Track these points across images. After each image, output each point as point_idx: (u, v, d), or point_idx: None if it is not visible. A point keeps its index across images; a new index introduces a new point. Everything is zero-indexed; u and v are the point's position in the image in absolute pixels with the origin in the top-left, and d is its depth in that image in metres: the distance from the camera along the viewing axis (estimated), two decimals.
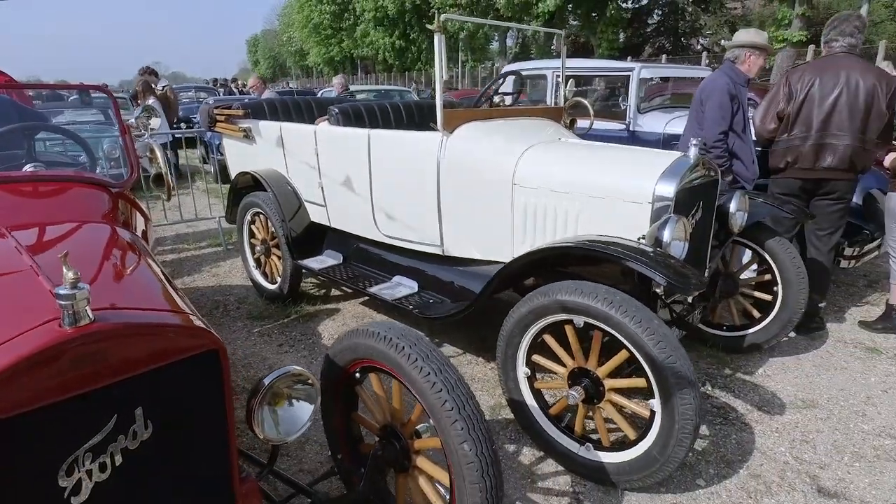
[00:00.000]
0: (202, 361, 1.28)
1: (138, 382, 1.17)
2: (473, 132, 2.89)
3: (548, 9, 23.57)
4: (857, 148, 3.08)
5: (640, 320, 1.94)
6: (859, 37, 3.15)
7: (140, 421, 1.19)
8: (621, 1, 25.01)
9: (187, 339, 1.25)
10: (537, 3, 23.90)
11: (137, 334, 1.16)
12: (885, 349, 3.35)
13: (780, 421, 2.66)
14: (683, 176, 2.35)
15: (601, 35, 25.16)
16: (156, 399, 1.20)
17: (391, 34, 36.51)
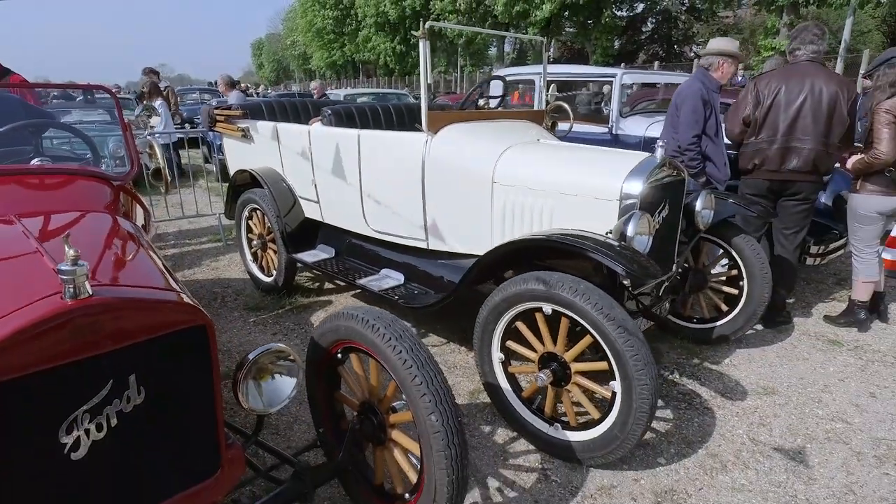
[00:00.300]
0: (191, 335, 1.38)
1: (132, 352, 1.27)
2: (456, 133, 2.99)
3: (543, 16, 23.69)
4: (821, 152, 3.19)
5: (601, 307, 2.05)
6: (821, 43, 3.26)
7: (133, 387, 1.29)
8: (616, 9, 25.15)
9: (177, 314, 1.36)
10: (534, 11, 24.03)
11: (131, 308, 1.27)
12: (845, 342, 3.46)
13: (740, 406, 2.77)
14: (649, 175, 2.45)
15: (596, 42, 25.29)
16: (148, 367, 1.31)
17: (392, 39, 36.63)
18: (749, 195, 3.46)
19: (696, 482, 2.24)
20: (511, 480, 2.24)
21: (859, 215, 3.34)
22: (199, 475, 1.47)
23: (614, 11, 24.90)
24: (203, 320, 1.40)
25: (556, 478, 2.26)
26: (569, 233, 2.29)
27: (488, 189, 2.84)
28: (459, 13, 28.80)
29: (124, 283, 1.43)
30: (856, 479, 2.25)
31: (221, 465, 1.52)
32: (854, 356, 3.29)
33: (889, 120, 3.05)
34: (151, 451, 1.37)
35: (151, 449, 1.37)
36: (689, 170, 3.67)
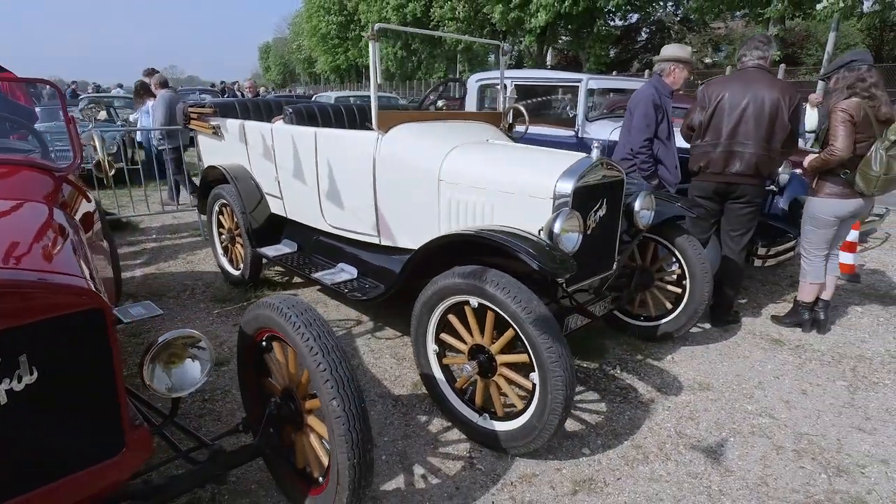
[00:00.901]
0: (88, 319, 1.39)
1: (21, 332, 1.28)
2: (406, 132, 3.00)
3: (538, 24, 23.70)
4: (763, 156, 3.19)
5: (519, 301, 2.06)
6: (767, 49, 3.26)
7: (24, 366, 1.30)
8: (609, 19, 25.15)
9: (72, 297, 1.36)
10: (529, 19, 24.04)
11: (18, 289, 1.27)
12: (788, 341, 3.46)
13: (673, 401, 2.77)
14: (582, 175, 2.46)
15: (590, 50, 25.30)
16: (40, 348, 1.31)
17: (394, 45, 36.62)
18: (697, 197, 3.46)
19: (615, 472, 2.24)
20: (437, 468, 2.25)
21: (816, 218, 3.34)
22: (100, 454, 1.48)
23: (608, 21, 24.88)
24: (99, 304, 1.40)
25: (482, 466, 2.26)
26: (496, 229, 2.29)
27: (435, 187, 2.84)
28: (458, 20, 28.84)
29: (27, 267, 1.44)
30: (771, 472, 2.26)
31: (126, 445, 1.52)
32: (793, 355, 3.29)
33: (845, 118, 3.04)
34: (47, 429, 1.38)
35: (47, 427, 1.38)
36: (642, 172, 3.69)
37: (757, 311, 3.95)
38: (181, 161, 6.39)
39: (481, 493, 2.11)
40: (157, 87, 6.36)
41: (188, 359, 1.65)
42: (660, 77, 3.68)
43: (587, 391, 2.85)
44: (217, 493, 2.07)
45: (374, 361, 3.11)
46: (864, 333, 3.59)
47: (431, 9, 30.56)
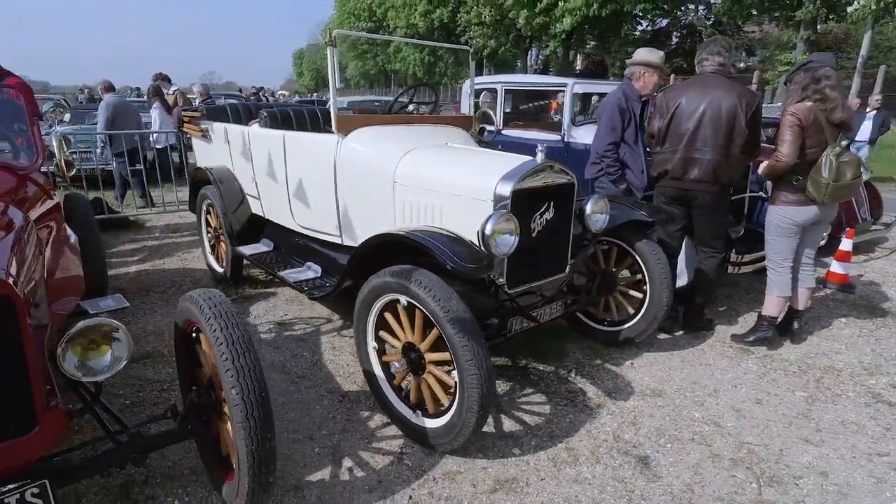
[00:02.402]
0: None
1: None
2: (365, 136, 3.08)
3: (564, 28, 23.57)
4: (721, 162, 3.14)
5: (439, 299, 2.10)
6: (727, 55, 3.22)
7: None
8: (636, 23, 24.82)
9: None
10: (554, 24, 23.93)
11: None
12: (756, 350, 3.38)
13: (620, 406, 2.75)
14: (522, 178, 2.48)
15: (616, 55, 24.99)
16: None
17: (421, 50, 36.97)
18: (661, 203, 3.43)
19: (540, 473, 2.25)
20: (366, 462, 2.30)
21: (774, 226, 3.26)
22: (10, 433, 1.59)
23: (634, 26, 24.55)
24: (8, 292, 1.52)
25: (409, 462, 2.31)
26: (424, 229, 2.34)
27: (390, 189, 2.91)
28: (485, 25, 28.93)
29: None
30: (700, 480, 2.23)
31: (39, 425, 1.63)
32: (758, 364, 3.22)
33: (792, 122, 2.98)
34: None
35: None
36: (608, 176, 3.68)
37: (734, 318, 3.87)
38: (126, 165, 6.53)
39: (402, 487, 2.16)
40: (103, 91, 6.53)
41: (107, 346, 1.75)
42: (629, 81, 3.67)
43: (535, 393, 2.86)
44: (150, 477, 2.17)
45: (333, 358, 3.18)
46: (840, 345, 3.48)
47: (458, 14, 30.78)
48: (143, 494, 2.09)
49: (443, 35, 34.33)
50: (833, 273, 4.49)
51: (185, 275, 4.57)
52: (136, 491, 2.11)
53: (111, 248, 5.38)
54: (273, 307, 3.90)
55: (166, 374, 2.96)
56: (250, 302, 3.99)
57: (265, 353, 3.21)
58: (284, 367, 3.07)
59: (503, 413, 2.67)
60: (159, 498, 2.08)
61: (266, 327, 3.58)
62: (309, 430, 2.51)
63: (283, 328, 3.57)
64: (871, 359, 3.30)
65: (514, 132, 5.49)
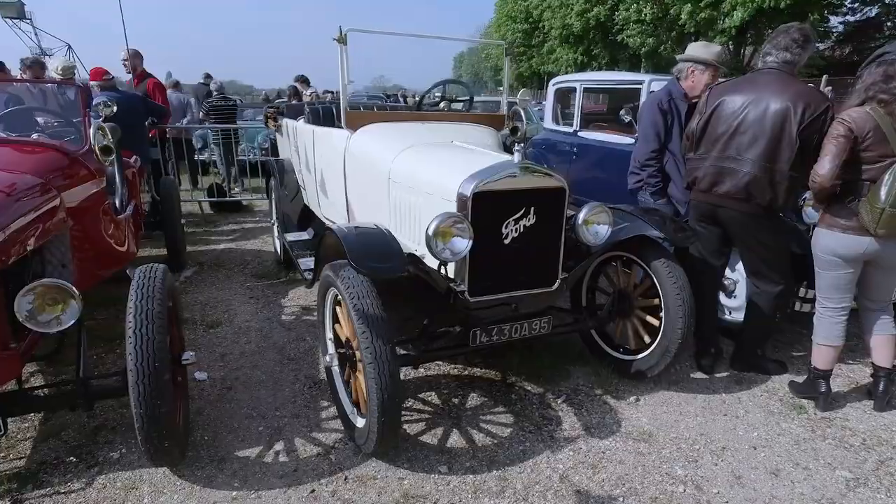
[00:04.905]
0: None
1: None
2: (372, 132, 3.12)
3: (733, 24, 21.13)
4: (758, 177, 2.55)
5: (353, 296, 2.06)
6: (797, 51, 2.59)
7: None
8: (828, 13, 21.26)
9: None
10: (722, 18, 21.57)
11: None
12: (810, 409, 2.72)
13: (590, 444, 2.42)
14: (488, 179, 2.32)
15: None
16: None
17: (575, 50, 36.01)
18: (696, 219, 2.92)
19: (455, 496, 2.08)
20: (295, 448, 2.35)
21: (815, 255, 2.59)
22: None
23: (825, 16, 21.09)
24: None
25: (335, 457, 2.30)
26: (355, 224, 2.34)
27: (386, 186, 2.91)
28: (644, 22, 27.18)
29: None
30: None
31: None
32: (805, 426, 2.58)
33: (838, 133, 2.34)
34: None
35: None
36: (648, 188, 3.25)
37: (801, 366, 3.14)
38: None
39: (312, 480, 2.16)
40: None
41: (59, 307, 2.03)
42: (676, 80, 3.19)
43: (505, 413, 2.65)
44: (118, 425, 2.46)
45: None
46: None
47: (616, 12, 29.33)
48: (105, 438, 2.38)
49: (599, 34, 33.01)
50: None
51: (257, 255, 5.07)
52: (103, 434, 2.41)
53: (216, 227, 6.18)
54: (310, 293, 4.13)
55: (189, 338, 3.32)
56: (292, 285, 4.28)
57: (276, 334, 3.43)
58: (283, 349, 3.25)
59: (457, 427, 2.52)
60: (115, 442, 2.35)
61: (291, 310, 3.81)
62: (266, 408, 2.63)
63: (304, 312, 3.77)
64: None
65: (592, 134, 5.10)
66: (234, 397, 2.73)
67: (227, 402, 2.68)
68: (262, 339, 3.35)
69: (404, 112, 3.45)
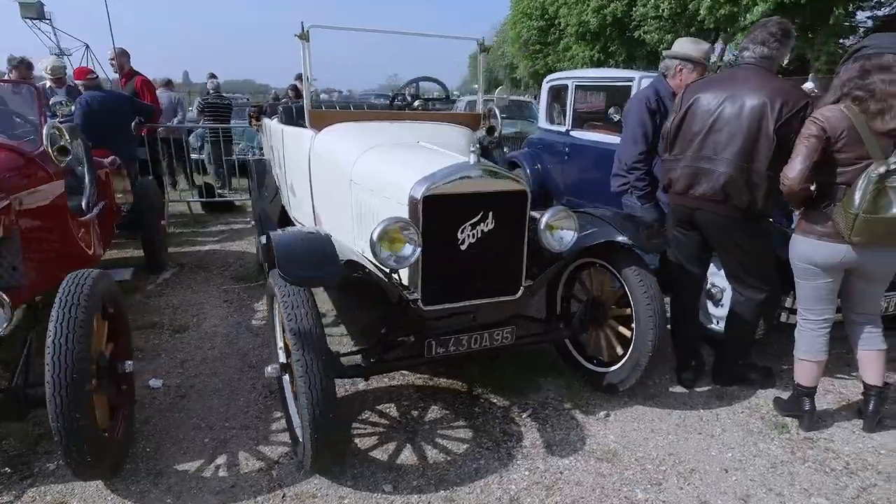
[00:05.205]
0: None
1: None
2: (338, 132, 3.04)
3: (753, 19, 20.64)
4: (735, 177, 2.41)
5: (287, 305, 1.98)
6: (775, 46, 2.44)
7: None
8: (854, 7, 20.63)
9: None
10: (742, 14, 21.11)
11: None
12: (793, 427, 2.56)
13: (549, 463, 2.30)
14: (440, 182, 2.22)
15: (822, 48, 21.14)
16: None
17: (592, 48, 35.63)
18: (674, 224, 2.78)
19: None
20: (237, 462, 2.27)
21: (793, 264, 2.43)
22: None
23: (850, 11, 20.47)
24: None
25: (277, 473, 2.21)
26: (299, 231, 2.25)
27: (348, 187, 2.83)
28: (662, 19, 26.75)
29: None
30: None
31: None
32: (785, 448, 2.43)
33: (810, 132, 2.18)
34: None
35: None
36: (636, 192, 3.12)
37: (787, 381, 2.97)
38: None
39: (248, 497, 2.08)
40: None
41: None
42: (663, 78, 3.05)
43: (465, 427, 2.54)
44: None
45: None
46: None
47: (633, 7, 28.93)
48: (45, 448, 2.33)
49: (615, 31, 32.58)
50: None
51: (240, 257, 5.02)
52: (43, 444, 2.36)
53: (205, 228, 6.17)
54: None
55: (153, 343, 3.29)
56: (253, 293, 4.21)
57: (242, 340, 3.37)
58: (246, 356, 3.18)
59: (411, 442, 2.42)
60: (54, 453, 2.29)
61: (263, 315, 3.74)
62: (217, 419, 2.56)
63: None
64: None
65: (584, 134, 4.95)
66: (185, 406, 2.67)
67: (178, 412, 2.62)
68: (226, 345, 3.29)
69: (373, 112, 3.36)
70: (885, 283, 2.41)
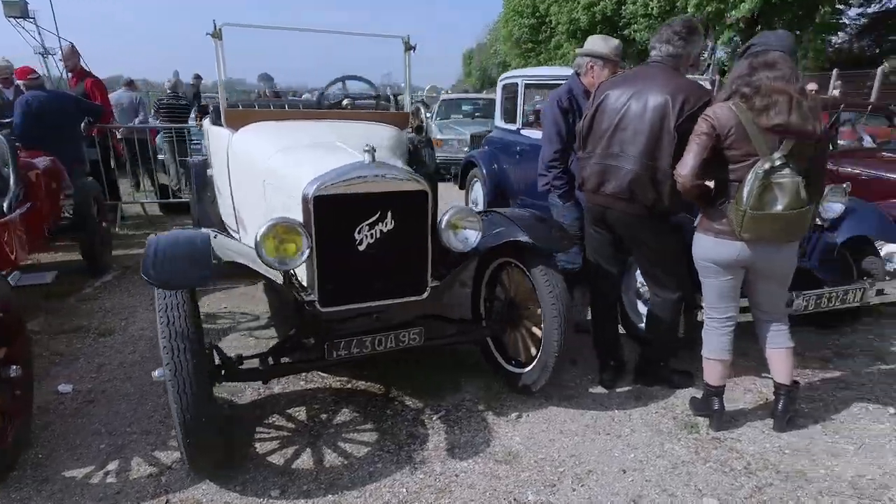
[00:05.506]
0: None
1: None
2: (255, 131, 3.03)
3: (740, 15, 20.75)
4: (640, 175, 2.42)
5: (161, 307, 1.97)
6: (679, 44, 2.45)
7: None
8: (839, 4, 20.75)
9: None
10: (730, 11, 21.19)
11: None
12: (703, 427, 2.56)
13: (447, 466, 2.29)
14: (330, 182, 2.22)
15: (809, 45, 21.25)
16: None
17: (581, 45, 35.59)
18: (591, 223, 2.78)
19: None
20: (128, 469, 2.25)
21: (696, 261, 2.44)
22: None
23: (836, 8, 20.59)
24: None
25: (167, 478, 2.20)
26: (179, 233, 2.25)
27: (261, 188, 2.82)
28: (651, 16, 26.85)
29: None
30: None
31: None
32: (690, 448, 2.43)
33: (703, 130, 2.19)
34: None
35: None
36: (556, 190, 3.12)
37: None
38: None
39: (131, 502, 2.07)
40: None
41: None
42: (577, 76, 3.06)
43: (369, 430, 2.54)
44: None
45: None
46: (850, 443, 2.47)
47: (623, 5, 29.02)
48: None
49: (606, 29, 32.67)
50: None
51: None
52: None
53: (160, 229, 6.13)
54: (222, 299, 4.05)
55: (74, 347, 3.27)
56: (206, 292, 4.19)
57: None
58: None
59: (313, 446, 2.42)
60: None
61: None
62: (119, 424, 2.55)
63: (206, 320, 3.69)
64: (880, 475, 2.28)
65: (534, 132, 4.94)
66: (91, 412, 2.65)
67: (81, 417, 2.61)
68: (149, 350, 3.28)
69: (294, 111, 3.35)
70: (784, 281, 2.42)
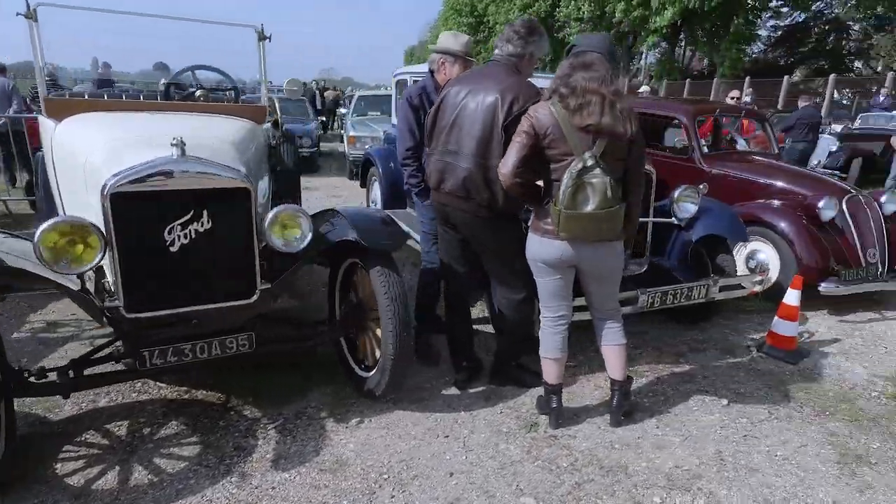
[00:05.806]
0: None
1: None
2: (83, 123, 2.84)
3: (663, 22, 21.76)
4: (474, 173, 2.44)
5: None
6: (519, 43, 2.49)
7: None
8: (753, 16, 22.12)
9: None
10: (654, 17, 22.17)
11: None
12: (543, 425, 2.60)
13: (265, 479, 2.20)
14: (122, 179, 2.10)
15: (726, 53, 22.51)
16: None
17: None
18: (440, 222, 2.77)
19: None
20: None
21: (529, 261, 2.48)
22: None
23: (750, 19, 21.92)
24: None
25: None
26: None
27: (84, 184, 2.61)
28: (583, 21, 27.73)
29: None
30: None
31: None
32: (523, 447, 2.45)
33: (524, 129, 2.23)
34: None
35: None
36: (411, 188, 3.09)
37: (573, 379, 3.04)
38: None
39: None
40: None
41: None
42: (431, 74, 3.07)
43: (195, 444, 2.40)
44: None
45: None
46: (677, 437, 2.56)
47: (557, 8, 29.80)
48: None
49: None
50: (774, 334, 3.43)
51: None
52: None
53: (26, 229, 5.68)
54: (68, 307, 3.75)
55: None
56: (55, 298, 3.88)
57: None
58: None
59: (123, 464, 2.26)
60: None
61: (33, 326, 3.47)
62: None
63: (48, 329, 3.44)
64: (696, 465, 2.37)
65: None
66: None
67: None
68: None
69: (131, 102, 3.16)
70: (611, 279, 2.48)
